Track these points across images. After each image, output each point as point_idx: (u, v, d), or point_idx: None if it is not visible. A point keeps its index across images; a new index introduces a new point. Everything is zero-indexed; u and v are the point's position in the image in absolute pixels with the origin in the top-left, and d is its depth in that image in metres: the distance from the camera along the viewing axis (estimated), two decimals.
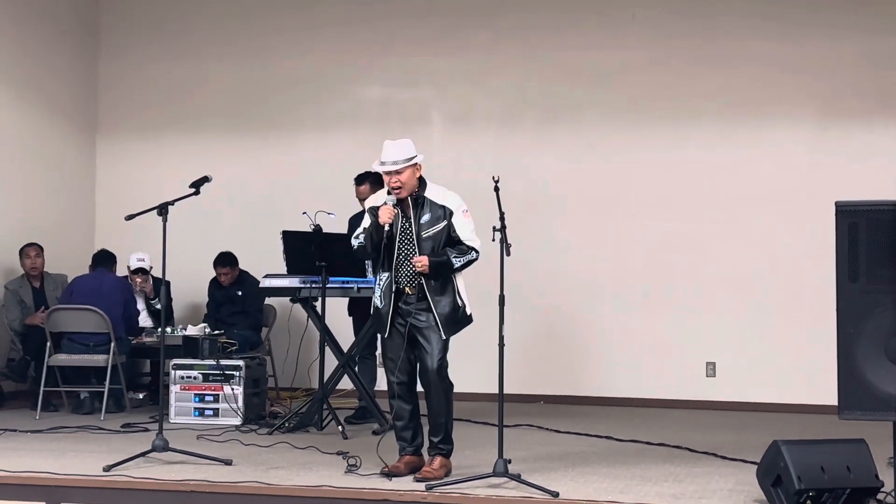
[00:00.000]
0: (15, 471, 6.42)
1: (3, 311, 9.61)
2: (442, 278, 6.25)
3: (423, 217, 6.28)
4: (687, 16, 9.95)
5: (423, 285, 6.24)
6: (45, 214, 10.42)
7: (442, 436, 6.35)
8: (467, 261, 6.26)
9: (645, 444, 7.63)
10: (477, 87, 10.45)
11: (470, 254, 6.26)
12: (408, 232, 6.29)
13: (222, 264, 9.88)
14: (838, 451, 5.57)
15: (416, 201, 6.30)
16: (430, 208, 6.29)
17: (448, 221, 6.27)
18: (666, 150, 9.95)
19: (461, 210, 6.31)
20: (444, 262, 6.21)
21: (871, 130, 9.54)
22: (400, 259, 6.30)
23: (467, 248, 6.26)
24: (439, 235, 6.25)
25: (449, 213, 6.28)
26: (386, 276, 6.32)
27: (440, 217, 6.28)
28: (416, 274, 6.24)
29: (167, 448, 6.70)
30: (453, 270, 6.26)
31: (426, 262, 6.17)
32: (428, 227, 6.26)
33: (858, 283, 8.88)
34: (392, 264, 6.30)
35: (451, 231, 6.27)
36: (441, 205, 6.30)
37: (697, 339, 9.77)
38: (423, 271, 6.18)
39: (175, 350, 8.76)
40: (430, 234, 6.25)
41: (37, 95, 10.47)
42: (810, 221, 9.33)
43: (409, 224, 6.30)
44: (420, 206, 6.30)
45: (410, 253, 6.26)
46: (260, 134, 10.83)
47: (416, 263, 6.19)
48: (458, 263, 6.23)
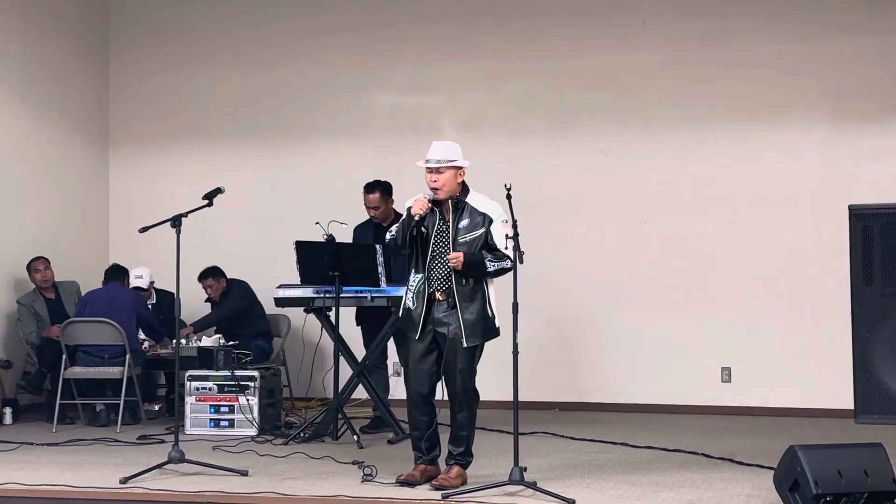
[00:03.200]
0: (32, 484, 6.43)
1: (19, 326, 9.63)
2: (473, 282, 6.22)
3: (461, 221, 6.26)
4: (698, 18, 9.93)
5: (454, 289, 6.21)
6: (58, 227, 10.45)
7: (463, 448, 6.33)
8: (501, 268, 6.22)
9: (661, 450, 7.60)
10: (488, 93, 10.44)
11: (504, 261, 6.22)
12: (444, 234, 6.27)
13: (203, 277, 9.82)
14: (855, 456, 5.54)
15: (456, 205, 6.29)
16: (469, 214, 6.27)
17: (486, 228, 6.24)
18: (679, 154, 9.93)
19: (501, 219, 6.27)
20: (478, 261, 6.18)
21: (886, 132, 9.50)
22: (434, 260, 6.27)
23: (503, 255, 6.24)
24: (476, 241, 6.22)
25: (489, 220, 6.26)
26: (419, 277, 6.29)
27: (479, 224, 6.25)
28: (448, 276, 6.21)
29: (183, 459, 6.70)
30: (486, 274, 6.22)
31: (461, 257, 6.14)
32: (466, 231, 6.24)
33: (873, 286, 8.84)
34: (426, 265, 6.27)
35: (488, 238, 6.24)
36: (482, 212, 6.28)
37: (712, 344, 9.74)
38: (456, 266, 6.14)
39: (190, 361, 8.76)
40: (466, 238, 6.22)
41: (48, 107, 10.50)
42: (825, 224, 9.32)
43: (447, 227, 6.27)
44: (460, 211, 6.28)
45: (445, 255, 6.23)
46: (271, 143, 10.85)
47: (451, 259, 6.15)
48: (491, 267, 6.20)
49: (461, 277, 6.20)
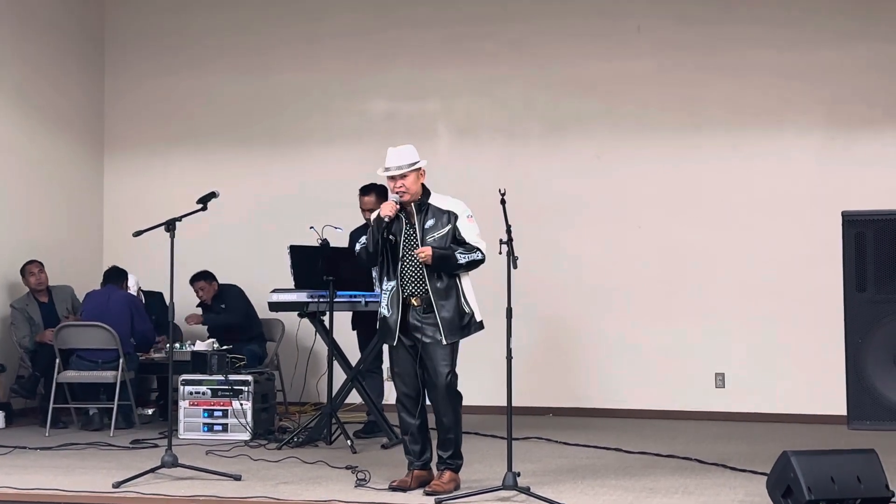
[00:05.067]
0: (25, 488, 6.42)
1: (12, 330, 9.62)
2: (447, 278, 6.23)
3: (427, 222, 6.29)
4: (693, 25, 9.94)
5: (429, 291, 6.21)
6: (52, 231, 10.44)
7: (451, 451, 6.34)
8: (472, 259, 6.24)
9: (654, 455, 7.61)
10: (483, 98, 10.45)
11: (475, 253, 6.24)
12: (412, 238, 6.30)
13: (195, 280, 9.82)
14: (848, 462, 5.56)
15: (419, 207, 6.33)
16: (434, 214, 6.31)
17: (453, 225, 6.29)
18: (673, 160, 9.94)
19: (466, 215, 6.33)
20: (448, 255, 6.20)
21: (880, 138, 9.52)
22: (405, 265, 6.29)
23: (473, 247, 6.25)
24: (444, 239, 6.25)
25: (454, 217, 6.30)
26: (392, 284, 6.31)
27: (444, 222, 6.29)
28: (421, 278, 6.23)
29: (176, 464, 6.71)
30: (458, 267, 6.23)
31: (429, 251, 6.16)
32: (432, 231, 6.27)
33: (866, 292, 8.84)
34: (397, 271, 6.29)
35: (455, 234, 6.28)
36: (445, 210, 6.32)
37: (706, 350, 9.74)
38: (426, 261, 6.16)
39: (184, 366, 8.76)
40: (434, 237, 6.25)
41: (43, 112, 10.50)
42: (818, 230, 9.32)
43: (414, 230, 6.30)
44: (425, 213, 6.32)
45: (416, 258, 6.24)
46: (266, 148, 10.85)
47: (419, 254, 6.17)
48: (462, 260, 6.21)
49: (433, 274, 6.21)
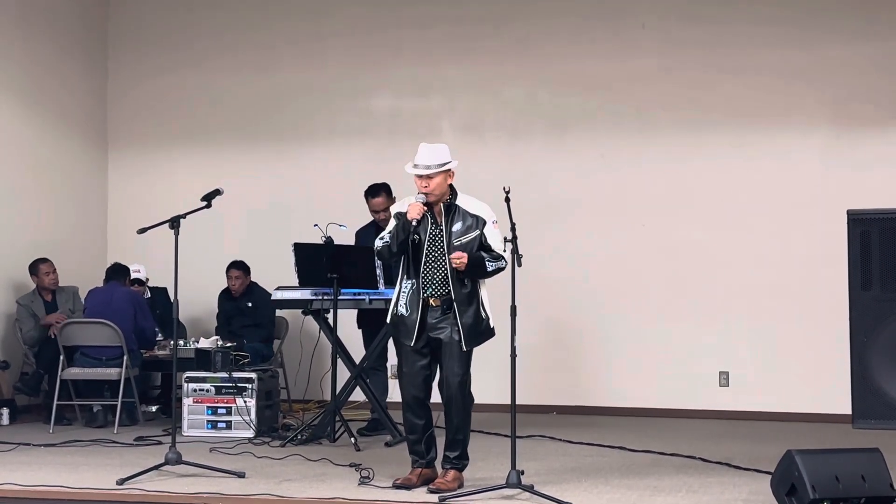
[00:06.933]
0: (29, 485, 6.42)
1: (17, 326, 9.63)
2: (471, 285, 6.19)
3: (455, 225, 6.20)
4: (697, 24, 9.93)
5: (452, 293, 6.17)
6: (56, 228, 10.45)
7: (459, 452, 6.32)
8: (497, 267, 6.19)
9: (658, 454, 7.60)
10: (487, 96, 10.45)
11: (500, 261, 6.19)
12: (438, 239, 6.21)
13: (235, 267, 9.92)
14: (853, 461, 5.54)
15: (447, 209, 6.24)
16: (462, 217, 6.22)
17: (480, 231, 6.21)
18: (677, 159, 9.93)
19: (492, 220, 6.24)
20: (480, 262, 6.14)
21: (885, 138, 9.51)
22: (428, 266, 6.21)
23: (498, 255, 6.21)
24: (471, 244, 6.17)
25: (482, 222, 6.22)
26: (411, 283, 6.24)
27: (472, 226, 6.20)
28: (444, 281, 6.17)
29: (180, 461, 6.70)
30: (484, 274, 6.20)
31: (465, 258, 6.08)
32: (460, 235, 6.18)
33: (871, 291, 8.85)
34: (419, 272, 6.22)
35: (482, 241, 6.21)
36: (474, 214, 6.23)
37: (710, 349, 9.74)
38: (460, 267, 6.08)
39: (188, 363, 8.76)
40: (462, 242, 6.16)
41: (47, 109, 10.51)
42: (823, 229, 9.32)
43: (440, 231, 6.23)
44: (452, 214, 6.23)
45: (440, 260, 6.19)
46: (270, 145, 10.85)
47: (454, 259, 6.07)
48: (490, 267, 6.17)
49: (459, 280, 6.18)
